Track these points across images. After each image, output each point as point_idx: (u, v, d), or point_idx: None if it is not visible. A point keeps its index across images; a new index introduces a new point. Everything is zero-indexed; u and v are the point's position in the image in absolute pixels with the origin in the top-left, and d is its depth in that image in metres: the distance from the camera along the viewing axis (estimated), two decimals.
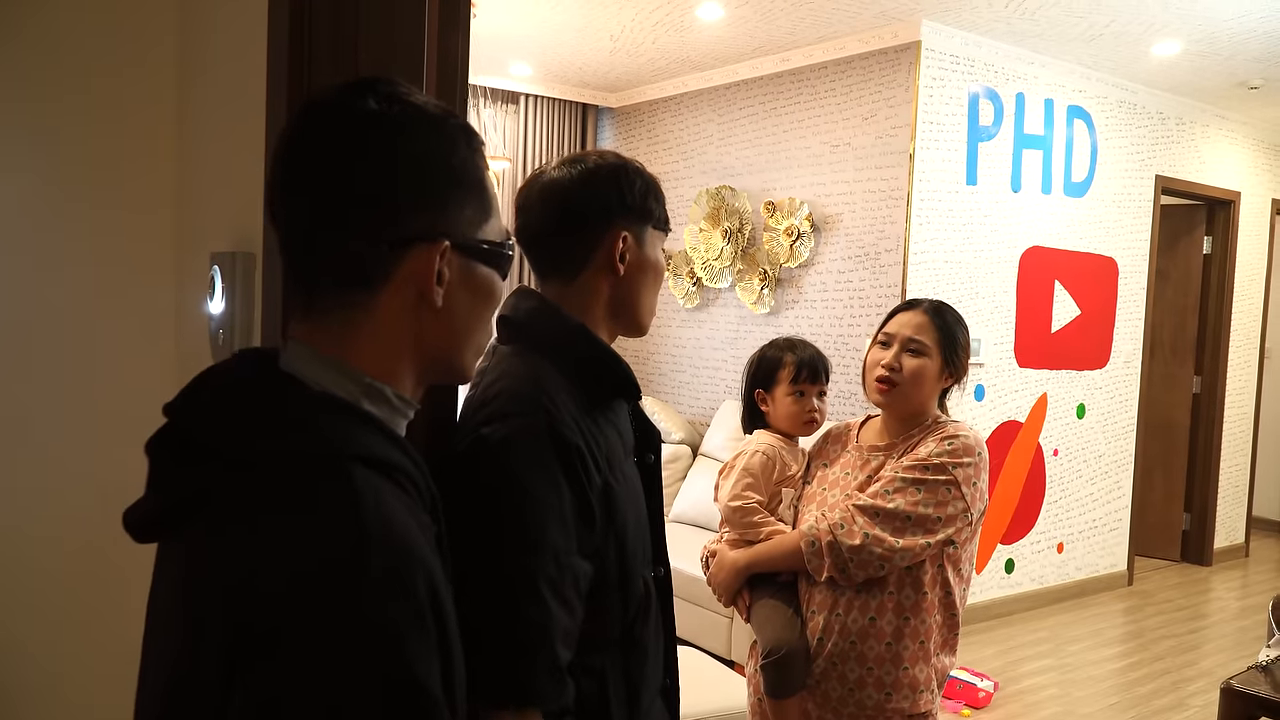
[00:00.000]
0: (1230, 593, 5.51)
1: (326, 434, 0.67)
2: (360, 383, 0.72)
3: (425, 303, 0.74)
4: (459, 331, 0.77)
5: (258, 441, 0.67)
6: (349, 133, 0.72)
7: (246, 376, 0.73)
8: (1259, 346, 6.27)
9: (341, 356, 0.73)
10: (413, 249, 0.72)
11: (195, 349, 1.25)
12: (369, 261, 0.72)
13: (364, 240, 0.72)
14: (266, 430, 0.67)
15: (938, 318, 1.76)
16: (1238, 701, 2.40)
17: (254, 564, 0.63)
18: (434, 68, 1.03)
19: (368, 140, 0.72)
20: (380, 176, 0.72)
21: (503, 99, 5.72)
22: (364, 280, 0.72)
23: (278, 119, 0.99)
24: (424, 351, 0.76)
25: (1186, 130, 5.54)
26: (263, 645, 0.61)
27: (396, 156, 0.72)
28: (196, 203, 1.30)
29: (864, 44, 4.43)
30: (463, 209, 0.75)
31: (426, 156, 0.73)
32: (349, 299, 0.73)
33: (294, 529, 0.63)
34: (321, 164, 0.72)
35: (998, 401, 4.72)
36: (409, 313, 0.74)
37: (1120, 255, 5.26)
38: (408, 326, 0.74)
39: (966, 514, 1.66)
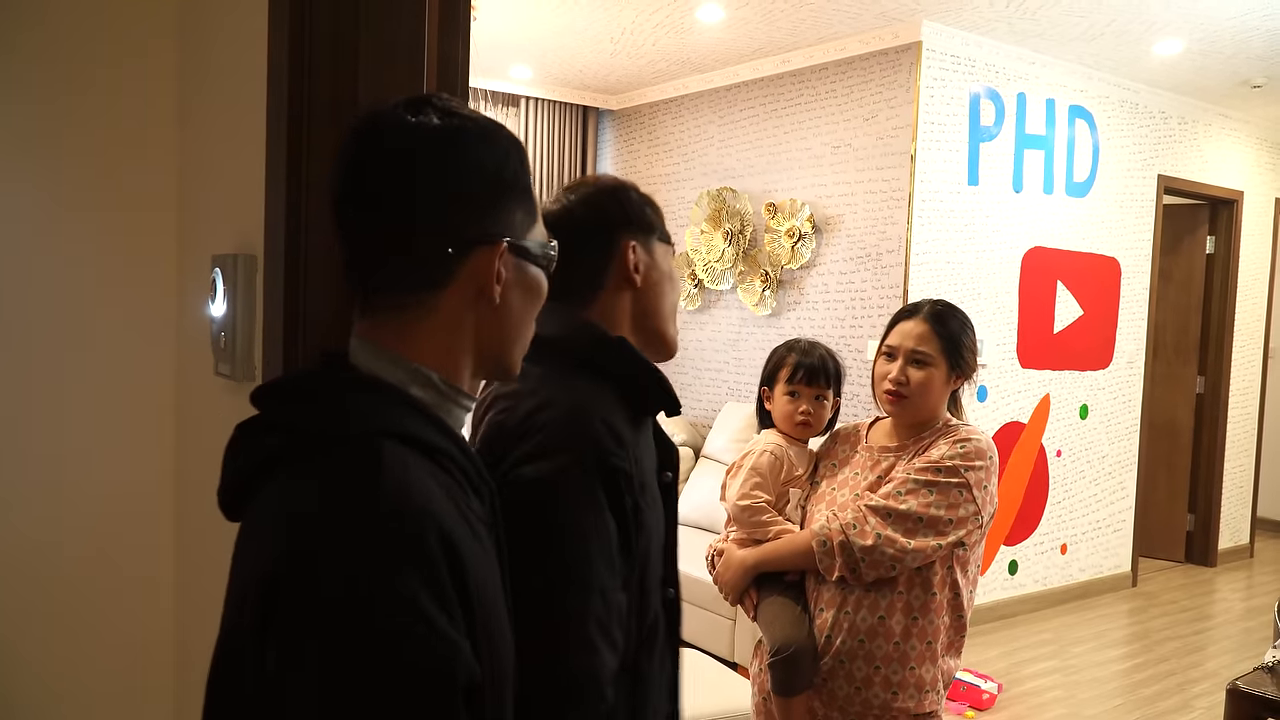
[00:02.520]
0: (1235, 594, 5.50)
1: (358, 412, 0.74)
2: (408, 369, 0.78)
3: (484, 300, 0.79)
4: (512, 328, 0.84)
5: (298, 420, 0.74)
6: (414, 145, 0.78)
7: (310, 368, 0.81)
8: (1263, 346, 6.25)
9: (403, 352, 0.78)
10: (475, 250, 0.78)
11: (197, 352, 1.25)
12: (435, 263, 0.78)
13: (429, 244, 0.77)
14: (306, 410, 0.75)
15: (939, 325, 1.76)
16: (1244, 703, 2.39)
17: (276, 522, 0.70)
18: (434, 71, 1.03)
19: (431, 151, 0.78)
20: (443, 184, 0.78)
21: (503, 102, 5.72)
22: (430, 281, 0.78)
23: (278, 122, 0.99)
24: (479, 347, 0.82)
25: (1189, 129, 5.53)
26: (285, 600, 0.66)
27: (458, 166, 0.78)
28: (197, 205, 1.30)
29: (865, 45, 4.43)
30: (515, 213, 0.82)
31: (484, 165, 0.80)
32: (413, 299, 0.78)
33: (314, 491, 0.69)
34: (389, 175, 0.78)
35: (1000, 402, 4.71)
36: (468, 310, 0.79)
37: (1123, 255, 5.25)
38: (467, 323, 0.80)
39: (977, 516, 1.67)
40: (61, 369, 1.36)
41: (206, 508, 1.26)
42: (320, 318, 0.95)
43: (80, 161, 1.34)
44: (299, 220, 0.96)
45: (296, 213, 0.97)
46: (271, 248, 1.01)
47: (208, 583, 1.25)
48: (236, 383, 1.11)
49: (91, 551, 1.34)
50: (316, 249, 0.96)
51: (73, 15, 1.31)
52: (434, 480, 0.73)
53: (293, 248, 0.97)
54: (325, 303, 0.96)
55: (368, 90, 0.98)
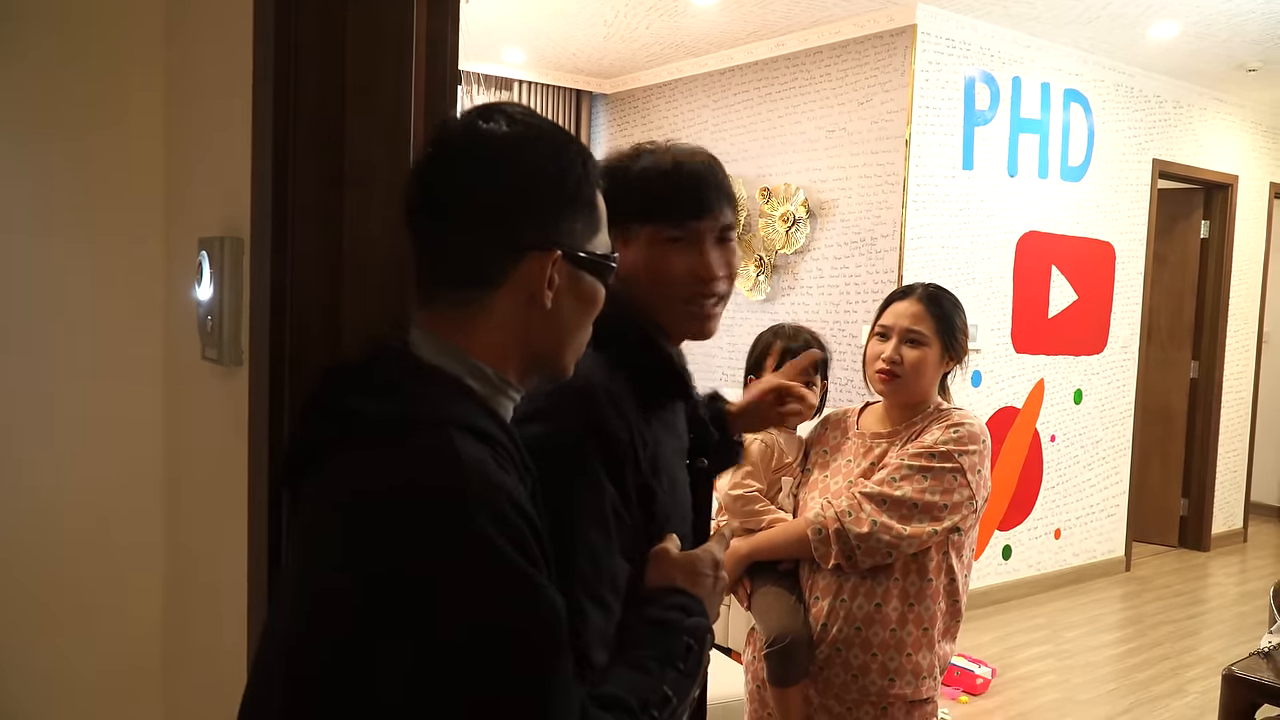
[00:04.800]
0: (1228, 578, 5.52)
1: (429, 399, 0.79)
2: (465, 363, 0.83)
3: (535, 304, 0.83)
4: (563, 332, 0.87)
5: (372, 402, 0.78)
6: (480, 151, 0.83)
7: (376, 354, 0.83)
8: (1257, 331, 6.26)
9: (459, 344, 0.83)
10: (528, 256, 0.82)
11: (184, 335, 1.24)
12: (490, 264, 0.82)
13: (487, 246, 0.82)
14: (382, 394, 0.79)
15: (933, 305, 1.76)
16: (1239, 688, 2.40)
17: (361, 507, 0.73)
18: (423, 52, 1.01)
19: (495, 158, 0.82)
20: (504, 190, 0.82)
21: (496, 85, 5.68)
22: (484, 280, 0.83)
23: (265, 104, 0.97)
24: (530, 347, 0.86)
25: (1184, 113, 5.52)
26: (383, 559, 0.71)
27: (519, 173, 0.82)
28: (184, 187, 1.28)
29: (859, 28, 4.40)
30: (574, 223, 0.85)
31: (545, 174, 0.83)
32: (470, 296, 0.83)
33: (400, 474, 0.74)
34: (452, 177, 0.83)
35: (994, 387, 4.71)
36: (520, 312, 0.84)
37: (1117, 240, 5.24)
38: (518, 324, 0.84)
39: (971, 501, 1.67)
40: (48, 352, 1.34)
41: (195, 490, 1.25)
42: (307, 301, 0.94)
43: (65, 144, 1.32)
44: (286, 203, 0.95)
45: (283, 196, 0.95)
46: (258, 231, 0.99)
47: (197, 563, 1.23)
48: (224, 366, 1.09)
49: (79, 536, 1.33)
50: (303, 232, 0.95)
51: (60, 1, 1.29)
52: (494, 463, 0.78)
53: (279, 231, 0.95)
54: (312, 286, 0.94)
55: (356, 74, 0.96)
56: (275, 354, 0.95)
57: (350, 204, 0.95)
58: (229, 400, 1.09)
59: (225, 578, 1.08)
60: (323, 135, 0.95)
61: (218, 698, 1.11)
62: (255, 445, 0.99)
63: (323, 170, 0.95)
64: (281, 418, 0.94)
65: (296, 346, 0.94)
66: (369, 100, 0.96)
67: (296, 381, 0.93)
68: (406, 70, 0.99)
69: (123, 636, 1.33)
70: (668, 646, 0.92)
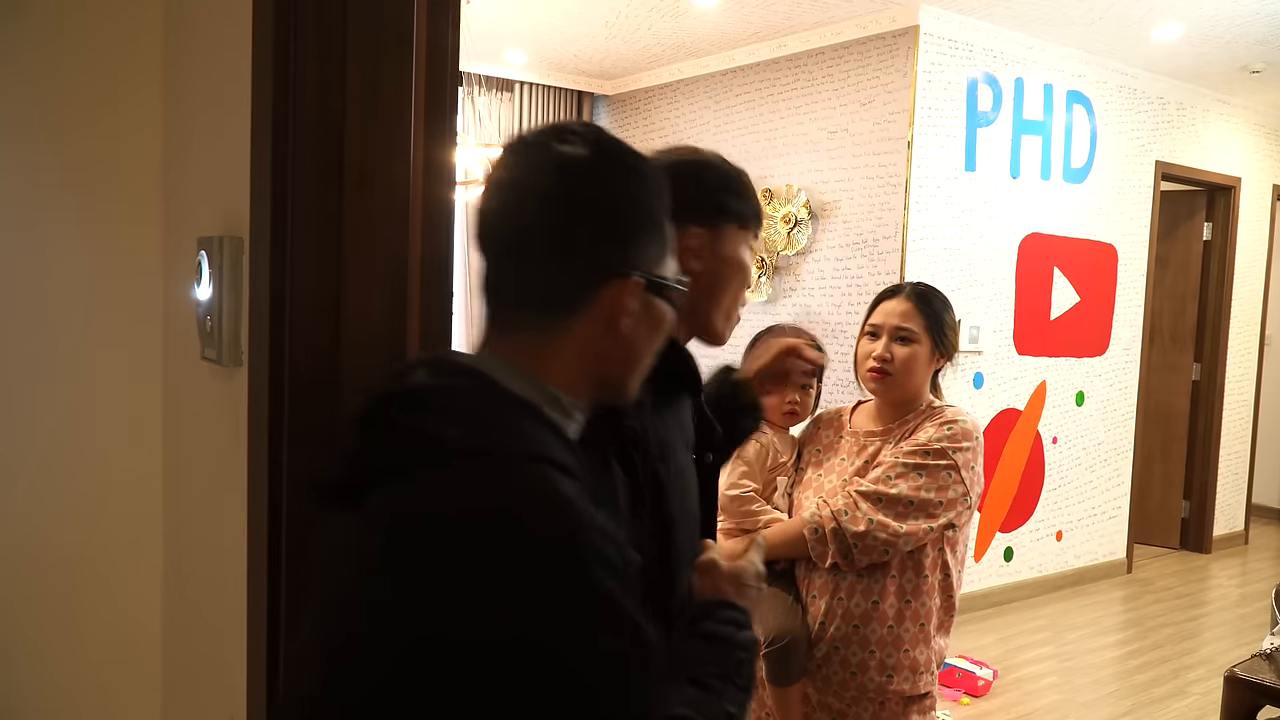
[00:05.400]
0: (1230, 580, 5.51)
1: (522, 435, 0.77)
2: (543, 391, 0.81)
3: (612, 330, 0.82)
4: (634, 357, 0.87)
5: (468, 434, 0.76)
6: (563, 175, 0.81)
7: (458, 381, 0.80)
8: (1259, 333, 6.25)
9: (533, 369, 0.81)
10: (609, 281, 0.81)
11: (183, 335, 1.23)
12: (570, 290, 0.81)
13: (568, 272, 0.81)
14: (476, 425, 0.77)
15: (923, 304, 1.77)
16: (1241, 690, 2.39)
17: (442, 542, 0.70)
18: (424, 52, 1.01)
19: (578, 182, 0.81)
20: (586, 215, 0.81)
21: (497, 87, 5.68)
22: (563, 306, 0.81)
23: (264, 105, 0.97)
24: (601, 372, 0.85)
25: (1187, 115, 5.51)
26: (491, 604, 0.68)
27: (602, 198, 0.82)
28: (183, 187, 1.28)
29: (861, 29, 4.40)
30: (650, 247, 0.84)
31: (626, 199, 0.83)
32: (547, 321, 0.82)
33: (498, 497, 0.72)
34: (535, 201, 0.81)
35: (996, 389, 4.71)
36: (596, 338, 0.83)
37: (1120, 242, 5.23)
38: (593, 349, 0.83)
39: (966, 497, 1.69)
40: (47, 353, 1.34)
41: (194, 490, 1.25)
42: (307, 301, 0.94)
43: (62, 143, 1.32)
44: (285, 203, 0.95)
45: (283, 196, 0.95)
46: (258, 230, 0.99)
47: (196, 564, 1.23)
48: (223, 367, 1.09)
49: (78, 536, 1.33)
50: (303, 232, 0.94)
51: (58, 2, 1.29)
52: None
53: (279, 231, 0.95)
54: (312, 286, 0.94)
55: (356, 73, 0.96)
56: (275, 355, 0.95)
57: (350, 204, 0.95)
58: (228, 401, 1.08)
59: (225, 577, 1.07)
60: (323, 135, 0.95)
61: (217, 698, 1.11)
62: (254, 446, 0.99)
63: (323, 170, 0.95)
64: (281, 418, 0.94)
65: (296, 347, 0.94)
66: (369, 101, 0.96)
67: (296, 382, 0.93)
68: (407, 71, 0.98)
69: (122, 637, 1.33)
70: (726, 662, 0.91)
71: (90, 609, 1.33)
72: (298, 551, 0.92)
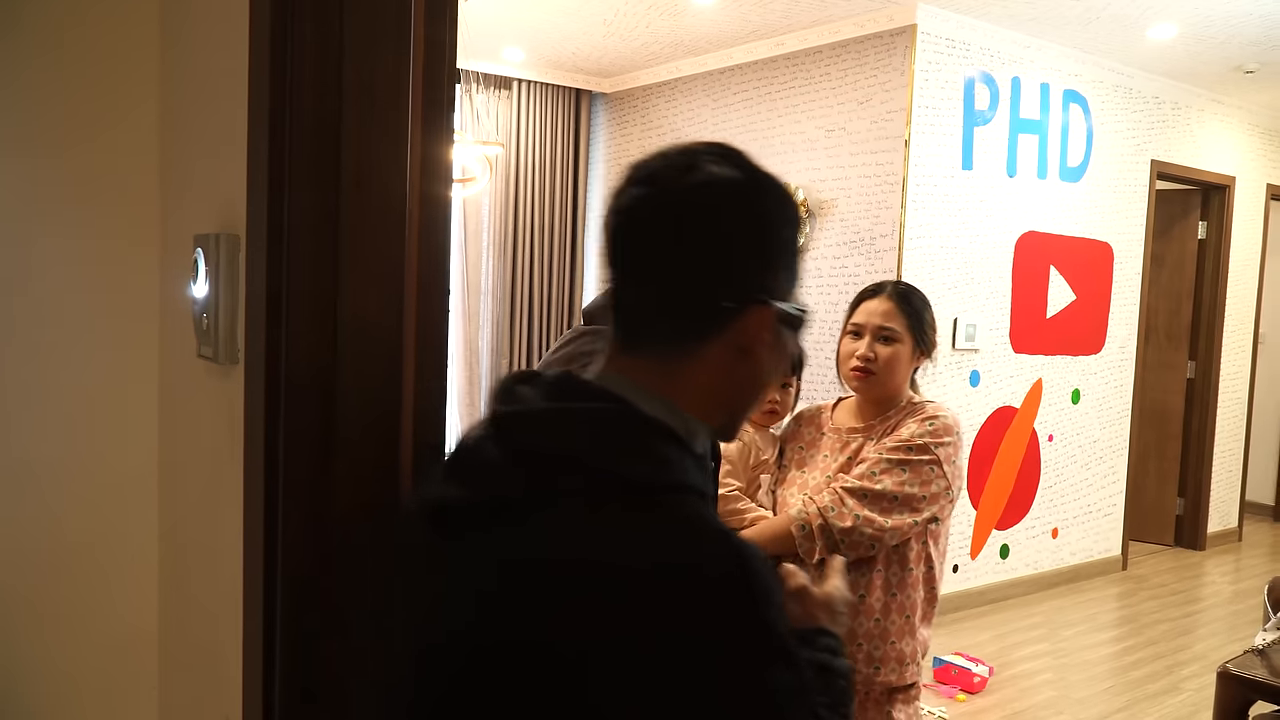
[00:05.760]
0: (1223, 577, 5.53)
1: (668, 463, 0.75)
2: (680, 417, 0.79)
3: (743, 357, 0.80)
4: (759, 387, 0.85)
5: (618, 463, 0.74)
6: (714, 194, 0.79)
7: (594, 405, 0.78)
8: (1253, 332, 6.27)
9: (663, 393, 0.79)
10: (748, 308, 0.79)
11: (179, 333, 1.23)
12: (708, 313, 0.79)
13: (704, 295, 0.78)
14: (625, 453, 0.75)
15: (904, 303, 1.80)
16: (1234, 685, 2.40)
17: (607, 570, 0.69)
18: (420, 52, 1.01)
19: (730, 203, 0.79)
20: (736, 238, 0.79)
21: (495, 84, 5.67)
22: (698, 329, 0.79)
23: (260, 102, 0.97)
24: (728, 400, 0.83)
25: (1182, 115, 5.52)
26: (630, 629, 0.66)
27: (751, 222, 0.80)
28: (179, 183, 1.28)
29: (859, 27, 4.40)
30: (786, 277, 0.82)
31: (770, 225, 0.81)
32: (678, 343, 0.79)
33: (663, 534, 0.70)
34: (682, 220, 0.79)
35: (993, 387, 4.71)
36: (727, 365, 0.80)
37: (1115, 240, 5.24)
38: (723, 376, 0.80)
39: (949, 491, 1.73)
40: (40, 349, 1.34)
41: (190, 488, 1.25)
42: (303, 299, 0.94)
43: (59, 141, 1.31)
44: (282, 201, 0.95)
45: (279, 193, 0.95)
46: (254, 228, 0.99)
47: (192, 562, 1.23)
48: (219, 365, 1.09)
49: (74, 534, 1.33)
50: (300, 230, 0.94)
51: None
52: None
53: (275, 228, 0.95)
54: (308, 284, 0.94)
55: (353, 70, 0.96)
56: (271, 352, 0.94)
57: (347, 202, 0.95)
58: (224, 398, 1.08)
59: (221, 576, 1.07)
60: (319, 132, 0.94)
61: (214, 698, 1.11)
62: (250, 443, 0.99)
63: (319, 167, 0.94)
64: (277, 416, 0.94)
65: (292, 345, 0.94)
66: (366, 97, 0.96)
67: (292, 380, 0.93)
68: (404, 68, 0.98)
69: (118, 636, 1.33)
70: (833, 691, 0.89)
71: (87, 607, 1.33)
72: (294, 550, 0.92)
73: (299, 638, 0.91)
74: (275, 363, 0.94)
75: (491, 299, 5.84)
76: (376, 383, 0.94)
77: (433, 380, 1.03)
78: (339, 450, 0.92)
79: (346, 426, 0.92)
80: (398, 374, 0.96)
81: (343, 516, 0.91)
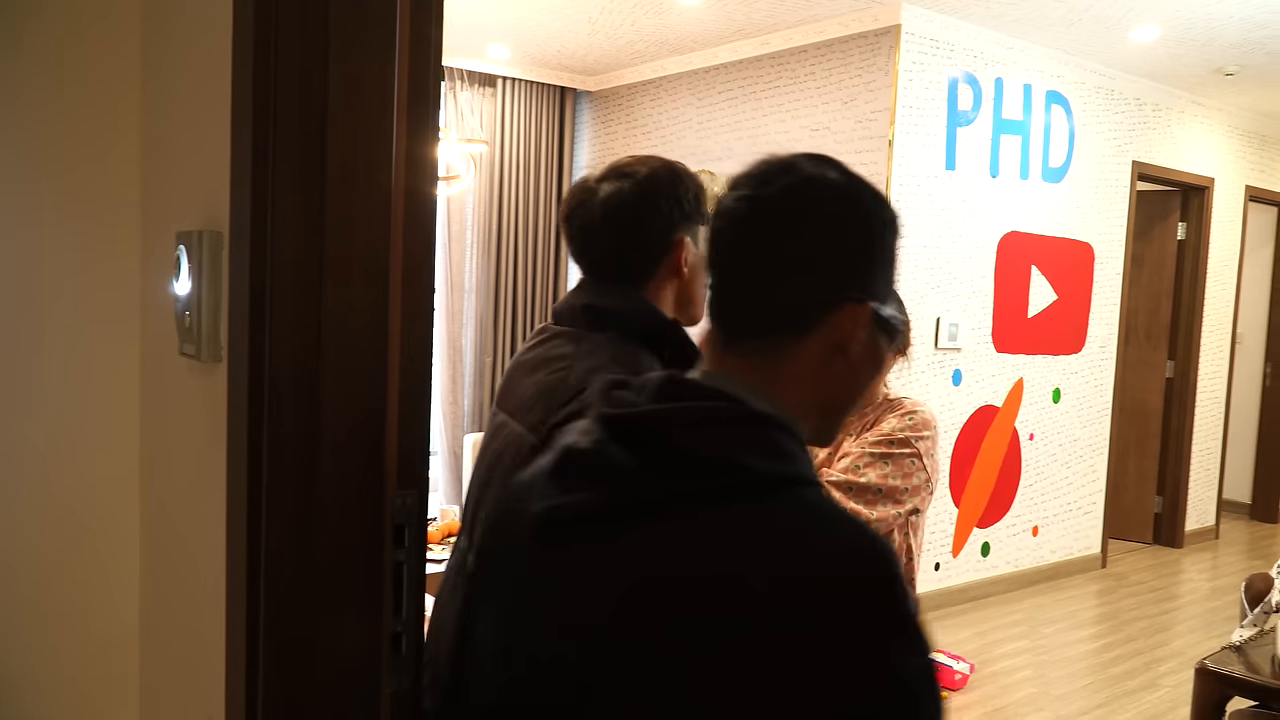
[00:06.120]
0: (1201, 574, 5.59)
1: (797, 459, 0.78)
2: (784, 412, 0.80)
3: (838, 356, 0.82)
4: (855, 388, 0.86)
5: (751, 456, 0.75)
6: (820, 195, 0.82)
7: (713, 403, 0.80)
8: (1231, 331, 6.34)
9: (768, 392, 0.81)
10: (843, 306, 0.81)
11: (161, 331, 1.22)
12: (807, 309, 0.81)
13: (809, 289, 0.81)
14: (763, 452, 0.76)
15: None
16: (1211, 681, 2.43)
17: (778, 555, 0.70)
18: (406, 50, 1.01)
19: (838, 204, 0.82)
20: (840, 236, 0.82)
21: (480, 82, 5.65)
22: (796, 326, 0.81)
23: (244, 98, 0.96)
24: (825, 399, 0.84)
25: (1163, 116, 5.57)
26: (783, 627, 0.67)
27: (855, 222, 0.82)
28: (162, 181, 1.26)
29: (844, 27, 4.41)
30: (882, 281, 0.84)
31: (870, 227, 0.83)
32: (780, 342, 0.82)
33: (807, 527, 0.72)
34: (789, 221, 0.82)
35: (974, 386, 4.74)
36: (822, 361, 0.82)
37: (1096, 240, 5.29)
38: (819, 372, 0.82)
39: (929, 483, 1.77)
40: (20, 347, 1.32)
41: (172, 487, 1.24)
42: (287, 296, 0.93)
43: (39, 136, 1.30)
44: (265, 197, 0.94)
45: (263, 190, 0.94)
46: (237, 225, 0.98)
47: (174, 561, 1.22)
48: (202, 363, 1.08)
49: (55, 534, 1.31)
50: (283, 227, 0.94)
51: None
52: None
53: (259, 225, 0.94)
54: (292, 281, 0.93)
55: (338, 66, 0.95)
56: (254, 350, 0.94)
57: (331, 199, 0.94)
58: (206, 397, 1.07)
59: (204, 577, 1.07)
60: (304, 129, 0.94)
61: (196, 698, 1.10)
62: (234, 442, 0.98)
63: (303, 164, 0.94)
64: (260, 414, 0.93)
65: (276, 343, 0.93)
66: (352, 94, 0.95)
67: (276, 377, 0.92)
68: (390, 65, 0.98)
69: (99, 634, 1.32)
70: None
71: (67, 608, 1.32)
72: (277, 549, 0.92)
73: (283, 639, 0.90)
74: (259, 361, 0.93)
75: (475, 297, 5.82)
76: (361, 381, 0.94)
77: (417, 378, 1.03)
78: (323, 449, 0.91)
79: (331, 425, 0.92)
80: (383, 372, 0.95)
81: (327, 516, 0.91)
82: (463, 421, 5.85)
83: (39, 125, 1.30)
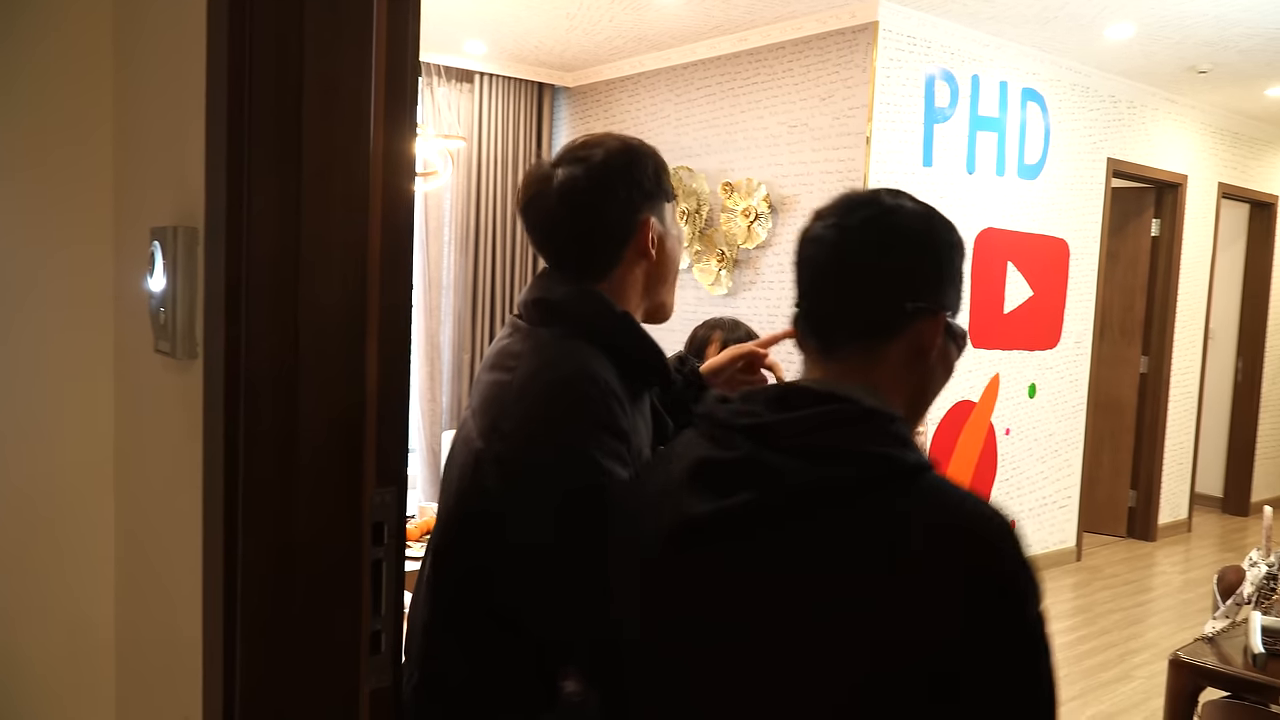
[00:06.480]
0: (1174, 567, 5.67)
1: (911, 444, 0.87)
2: (895, 410, 0.90)
3: (918, 361, 0.95)
4: (931, 387, 0.99)
5: (885, 448, 0.85)
6: (907, 219, 0.97)
7: (837, 406, 0.88)
8: (1203, 327, 6.43)
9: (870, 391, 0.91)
10: (924, 315, 0.94)
11: (135, 327, 1.21)
12: (894, 316, 0.94)
13: (893, 304, 0.94)
14: (896, 443, 0.86)
15: None
16: (1184, 672, 2.46)
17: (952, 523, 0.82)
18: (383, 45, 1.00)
19: (905, 234, 0.96)
20: (912, 260, 0.96)
21: (457, 77, 5.62)
22: (887, 330, 0.94)
23: (219, 94, 0.95)
24: (911, 398, 0.96)
25: (1137, 113, 5.64)
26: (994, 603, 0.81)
27: (936, 241, 0.98)
28: (135, 174, 1.25)
29: (822, 24, 4.43)
30: (954, 296, 0.98)
31: (947, 248, 0.98)
32: (871, 347, 0.94)
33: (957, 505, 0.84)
34: (883, 240, 0.96)
35: (951, 381, 4.77)
36: (905, 364, 0.95)
37: (1072, 237, 5.34)
38: (903, 372, 0.95)
39: None
40: None
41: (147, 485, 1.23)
42: (263, 292, 0.92)
43: (8, 130, 1.28)
44: (241, 193, 0.93)
45: (238, 186, 0.93)
46: (212, 221, 0.97)
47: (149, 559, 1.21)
48: (177, 360, 1.07)
49: (27, 533, 1.30)
50: (259, 223, 0.93)
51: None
52: None
53: (234, 221, 0.93)
54: (268, 278, 0.92)
55: (314, 60, 0.95)
56: (230, 347, 0.93)
57: (308, 195, 0.94)
58: (182, 394, 1.06)
59: (180, 577, 1.06)
60: (280, 124, 0.93)
61: (172, 699, 1.09)
62: (210, 439, 0.97)
63: (280, 159, 0.93)
64: (237, 411, 0.92)
65: (252, 339, 0.92)
66: (328, 89, 0.94)
67: (252, 374, 0.91)
68: (366, 60, 0.97)
69: (74, 632, 1.30)
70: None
71: (39, 609, 1.30)
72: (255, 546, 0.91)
73: (261, 636, 0.90)
74: (235, 358, 0.93)
75: (453, 293, 5.79)
76: (339, 378, 0.93)
77: (396, 375, 1.03)
78: (301, 447, 0.91)
79: (309, 423, 0.91)
80: (361, 369, 0.95)
81: (305, 513, 0.90)
82: (441, 418, 5.82)
83: (10, 120, 1.28)
